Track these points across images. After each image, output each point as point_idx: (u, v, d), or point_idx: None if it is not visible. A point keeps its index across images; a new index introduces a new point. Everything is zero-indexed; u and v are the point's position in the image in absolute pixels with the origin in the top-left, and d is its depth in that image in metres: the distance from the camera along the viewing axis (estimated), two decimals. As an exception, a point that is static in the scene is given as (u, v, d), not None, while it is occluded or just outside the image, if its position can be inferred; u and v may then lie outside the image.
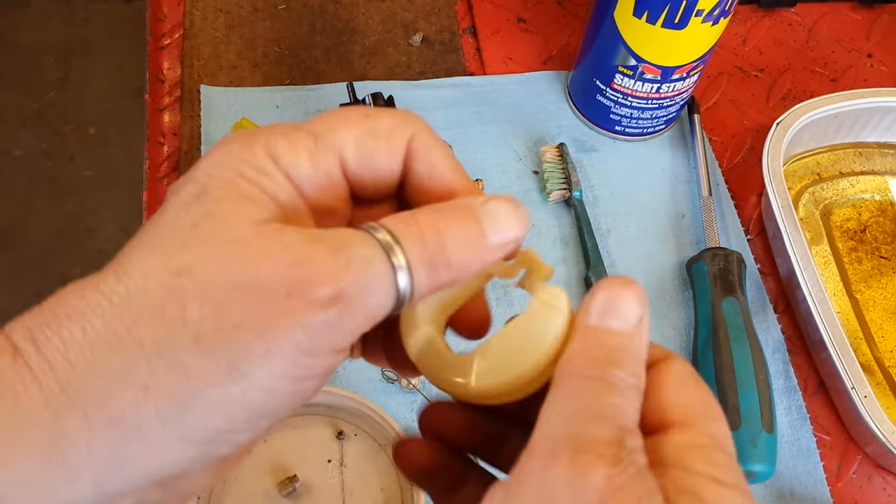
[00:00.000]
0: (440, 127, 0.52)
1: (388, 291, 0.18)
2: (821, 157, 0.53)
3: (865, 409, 0.40)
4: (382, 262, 0.18)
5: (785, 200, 0.45)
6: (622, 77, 0.49)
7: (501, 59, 0.57)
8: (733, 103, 0.56)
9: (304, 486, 0.39)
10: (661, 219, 0.51)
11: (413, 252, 0.18)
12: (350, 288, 0.17)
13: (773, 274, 0.49)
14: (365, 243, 0.18)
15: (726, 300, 0.44)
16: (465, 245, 0.19)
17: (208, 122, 0.51)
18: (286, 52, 0.56)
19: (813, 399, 0.45)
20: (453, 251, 0.18)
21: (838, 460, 0.43)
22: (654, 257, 0.49)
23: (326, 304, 0.17)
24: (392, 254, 0.18)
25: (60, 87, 1.30)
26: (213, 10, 0.57)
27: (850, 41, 0.60)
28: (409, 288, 0.18)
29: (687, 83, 0.49)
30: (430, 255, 0.18)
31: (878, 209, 0.52)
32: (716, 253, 0.46)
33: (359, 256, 0.17)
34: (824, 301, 0.42)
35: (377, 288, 0.17)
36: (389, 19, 0.58)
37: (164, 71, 0.55)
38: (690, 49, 0.46)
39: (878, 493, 0.43)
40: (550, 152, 0.51)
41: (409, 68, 0.56)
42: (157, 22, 0.57)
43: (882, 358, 0.46)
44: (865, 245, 0.50)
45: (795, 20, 0.61)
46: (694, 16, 0.43)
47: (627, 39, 0.46)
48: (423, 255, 0.18)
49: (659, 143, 0.54)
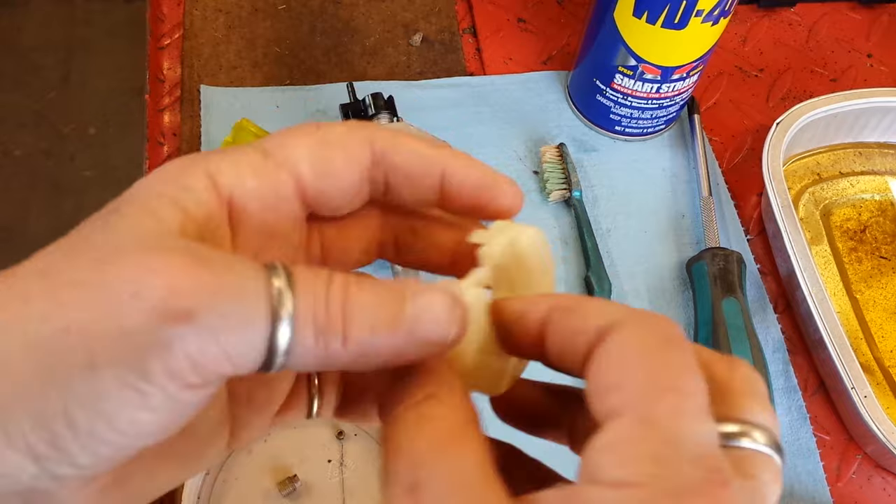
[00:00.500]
0: (440, 127, 0.52)
1: (256, 339, 0.15)
2: (821, 157, 0.53)
3: (865, 409, 0.40)
4: (260, 300, 0.15)
5: (785, 200, 0.45)
6: (622, 77, 0.49)
7: (501, 59, 0.57)
8: (733, 103, 0.56)
9: (304, 486, 0.39)
10: (661, 219, 0.51)
11: (305, 306, 0.15)
12: (207, 313, 0.14)
13: (773, 274, 0.49)
14: (252, 276, 0.15)
15: (726, 300, 0.44)
16: (374, 325, 0.16)
17: (208, 123, 0.51)
18: (286, 53, 0.56)
19: (813, 399, 0.45)
20: (356, 326, 0.16)
21: (838, 460, 0.43)
22: (654, 257, 0.49)
23: (170, 317, 0.14)
24: (279, 300, 0.15)
25: (60, 87, 1.30)
26: (213, 10, 0.57)
27: (849, 41, 0.60)
28: (288, 348, 0.15)
29: (687, 83, 0.49)
30: (324, 319, 0.15)
31: (878, 209, 0.52)
32: (716, 253, 0.46)
33: (234, 285, 0.15)
34: (824, 301, 0.42)
35: (243, 328, 0.15)
36: (389, 19, 0.58)
37: (164, 71, 0.55)
38: (690, 49, 0.46)
39: (878, 493, 0.43)
40: (550, 152, 0.51)
41: (408, 68, 0.56)
42: (157, 22, 0.57)
43: (882, 358, 0.46)
44: (865, 245, 0.50)
45: (795, 20, 0.61)
46: (694, 16, 0.43)
47: (627, 39, 0.46)
48: (317, 316, 0.15)
49: (659, 143, 0.54)
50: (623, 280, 0.48)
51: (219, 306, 0.15)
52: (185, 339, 0.14)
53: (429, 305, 0.16)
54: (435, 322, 0.16)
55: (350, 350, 0.16)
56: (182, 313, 0.15)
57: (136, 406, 0.15)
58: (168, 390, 0.15)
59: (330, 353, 0.16)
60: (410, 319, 0.16)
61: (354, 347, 0.16)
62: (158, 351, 0.14)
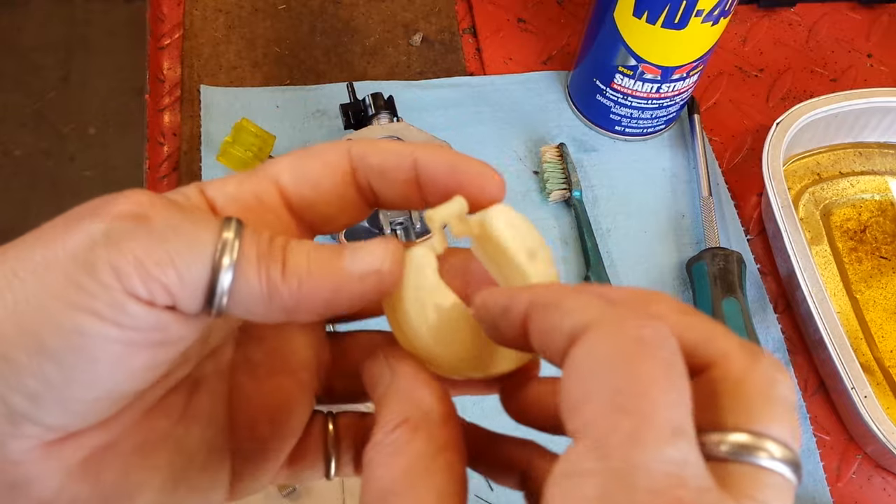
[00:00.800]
0: (440, 127, 0.52)
1: (203, 252, 0.16)
2: (821, 157, 0.53)
3: (865, 409, 0.39)
4: (211, 224, 0.16)
5: (785, 200, 0.45)
6: (622, 77, 0.49)
7: (501, 59, 0.57)
8: (733, 103, 0.56)
9: (304, 486, 0.39)
10: (661, 219, 0.51)
11: (251, 236, 0.16)
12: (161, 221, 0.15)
13: (773, 274, 0.49)
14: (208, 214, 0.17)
15: (726, 300, 0.44)
16: (314, 259, 0.17)
17: (208, 123, 0.51)
18: (286, 53, 0.56)
19: (813, 399, 0.45)
20: (295, 257, 0.17)
21: (838, 460, 0.43)
22: (654, 257, 0.49)
23: (124, 217, 0.15)
24: (226, 227, 0.16)
25: (60, 88, 1.30)
26: (213, 10, 0.57)
27: (849, 41, 0.60)
28: (232, 267, 0.16)
29: (687, 83, 0.49)
30: (266, 249, 0.16)
31: (878, 209, 0.52)
32: (716, 253, 0.46)
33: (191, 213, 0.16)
34: (824, 301, 0.42)
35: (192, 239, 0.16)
36: (389, 19, 0.58)
37: (164, 71, 0.55)
38: (690, 49, 0.46)
39: (878, 493, 0.43)
40: (550, 152, 0.51)
41: (409, 68, 0.56)
42: (157, 22, 0.57)
43: (882, 358, 0.46)
44: (865, 245, 0.50)
45: (795, 20, 0.61)
46: (694, 16, 0.43)
47: (627, 39, 0.46)
48: (260, 245, 0.16)
49: (659, 143, 0.54)
50: (623, 280, 0.48)
51: (173, 220, 0.16)
52: (135, 237, 0.15)
53: (365, 245, 0.18)
54: (370, 254, 0.17)
55: (290, 283, 0.16)
56: (137, 216, 0.16)
57: (81, 308, 0.15)
58: (113, 293, 0.15)
59: (271, 284, 0.16)
60: (348, 255, 0.17)
61: (294, 280, 0.16)
62: (107, 247, 0.15)
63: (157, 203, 0.16)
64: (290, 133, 0.52)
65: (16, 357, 0.15)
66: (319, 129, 0.52)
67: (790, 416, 0.15)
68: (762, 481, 0.14)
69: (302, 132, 0.52)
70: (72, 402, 0.15)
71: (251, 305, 0.16)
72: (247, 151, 0.47)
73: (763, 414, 0.14)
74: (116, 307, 0.15)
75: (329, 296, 0.17)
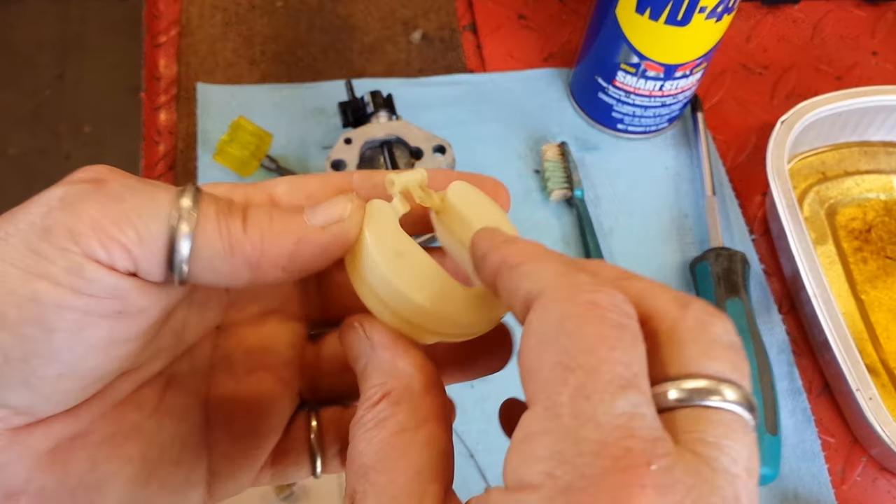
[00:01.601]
0: (439, 125, 0.51)
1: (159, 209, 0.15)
2: (826, 156, 0.53)
3: (870, 411, 0.39)
4: (166, 185, 0.16)
5: (789, 200, 0.45)
6: (624, 74, 0.48)
7: (502, 56, 0.56)
8: (737, 101, 0.56)
9: (302, 489, 0.39)
10: (664, 218, 0.50)
11: (210, 199, 0.16)
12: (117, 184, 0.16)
13: (778, 274, 0.49)
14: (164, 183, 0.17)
15: (730, 301, 0.43)
16: (275, 214, 0.17)
17: (205, 121, 0.51)
18: (284, 50, 0.55)
19: (818, 401, 0.45)
20: (257, 214, 0.17)
21: (843, 463, 0.43)
22: (658, 257, 0.48)
23: (80, 181, 0.15)
24: (184, 191, 0.16)
25: (56, 86, 1.29)
26: (209, 7, 0.57)
27: (854, 38, 0.60)
28: (191, 235, 0.16)
29: (690, 81, 0.48)
30: (226, 207, 0.16)
31: (883, 209, 0.51)
32: (719, 253, 0.45)
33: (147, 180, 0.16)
34: (829, 302, 0.41)
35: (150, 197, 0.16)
36: (388, 16, 0.58)
37: (160, 69, 0.54)
38: (694, 46, 0.45)
39: (883, 495, 0.42)
40: (552, 151, 0.51)
41: (408, 66, 0.55)
42: (153, 19, 0.56)
43: (887, 359, 0.45)
44: (871, 245, 0.49)
45: (799, 17, 0.60)
46: (697, 12, 0.43)
47: (630, 36, 0.46)
48: (219, 204, 0.16)
49: (662, 141, 0.53)
50: (625, 280, 0.47)
51: (129, 181, 0.16)
52: (91, 198, 0.15)
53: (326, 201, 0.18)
54: (332, 205, 0.17)
55: (251, 235, 0.16)
56: (94, 180, 0.15)
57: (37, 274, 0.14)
58: (71, 256, 0.14)
59: (233, 238, 0.16)
60: (308, 209, 0.17)
61: (255, 231, 0.16)
62: (62, 210, 0.15)
63: (115, 170, 0.16)
64: (288, 131, 0.51)
65: None
66: (317, 127, 0.51)
67: (728, 353, 0.15)
68: (710, 420, 0.14)
69: (300, 130, 0.51)
70: (34, 378, 0.15)
71: (214, 263, 0.16)
72: (244, 150, 0.47)
73: (698, 356, 0.14)
74: (73, 271, 0.15)
75: (292, 247, 0.17)
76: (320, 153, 0.50)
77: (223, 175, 0.48)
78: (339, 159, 0.42)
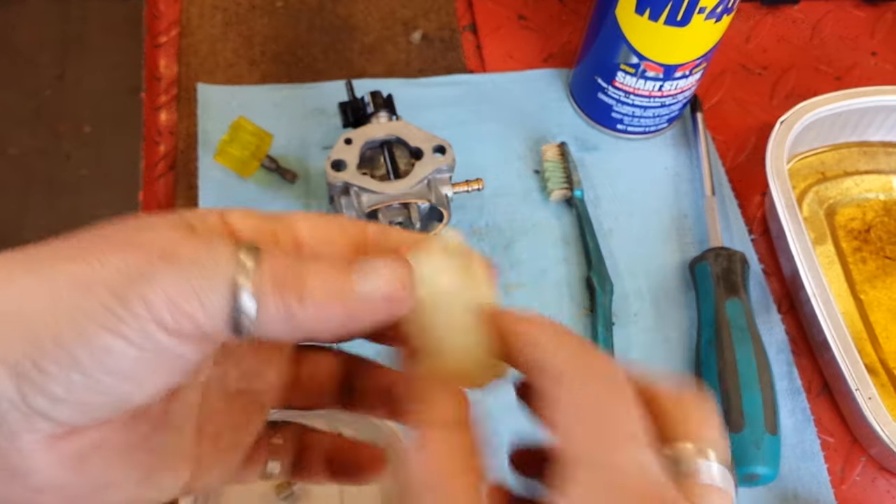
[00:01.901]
0: (439, 125, 0.51)
1: (222, 284, 0.17)
2: (825, 156, 0.53)
3: (870, 410, 0.39)
4: (228, 253, 0.18)
5: (789, 200, 0.45)
6: (624, 75, 0.48)
7: (502, 56, 0.56)
8: (737, 101, 0.56)
9: (302, 489, 0.39)
10: (664, 218, 0.50)
11: (266, 265, 0.18)
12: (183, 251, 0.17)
13: (777, 274, 0.49)
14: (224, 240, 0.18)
15: (730, 301, 0.43)
16: (326, 282, 0.18)
17: (205, 121, 0.51)
18: (284, 50, 0.55)
19: (817, 401, 0.45)
20: (311, 283, 0.18)
21: (842, 462, 0.43)
22: (657, 257, 0.49)
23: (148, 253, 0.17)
24: (244, 254, 0.18)
25: (56, 86, 1.30)
26: (210, 7, 0.57)
27: (854, 39, 0.60)
28: (254, 308, 0.17)
29: (690, 81, 0.49)
30: (282, 277, 0.18)
31: (882, 209, 0.51)
32: (719, 253, 0.45)
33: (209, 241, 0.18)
34: (828, 302, 0.41)
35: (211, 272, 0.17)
36: (388, 16, 0.58)
37: (160, 69, 0.54)
38: (693, 46, 0.45)
39: (882, 495, 0.42)
40: (551, 151, 0.51)
41: (408, 66, 0.55)
42: (153, 19, 0.56)
43: (887, 359, 0.45)
44: (870, 245, 0.50)
45: (799, 17, 0.60)
46: (697, 13, 0.43)
47: (629, 37, 0.46)
48: (276, 274, 0.18)
49: (661, 141, 0.53)
50: (625, 280, 0.47)
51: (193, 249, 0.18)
52: (165, 275, 0.17)
53: (374, 266, 0.19)
54: (379, 278, 0.18)
55: (308, 308, 0.18)
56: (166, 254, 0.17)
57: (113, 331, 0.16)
58: (143, 322, 0.17)
59: (289, 309, 0.18)
60: (359, 273, 0.18)
61: (311, 304, 0.18)
62: (139, 283, 0.17)
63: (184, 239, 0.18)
64: (288, 131, 0.51)
65: (48, 367, 0.16)
66: (318, 127, 0.51)
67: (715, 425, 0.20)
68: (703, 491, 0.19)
69: (300, 130, 0.51)
70: (87, 406, 0.17)
71: (273, 330, 0.18)
72: (244, 150, 0.47)
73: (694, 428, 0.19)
74: (144, 334, 0.17)
75: (343, 320, 0.18)
76: (320, 153, 0.50)
77: (224, 175, 0.48)
78: (339, 159, 0.42)
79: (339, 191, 0.42)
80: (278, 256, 0.18)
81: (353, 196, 0.42)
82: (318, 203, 0.49)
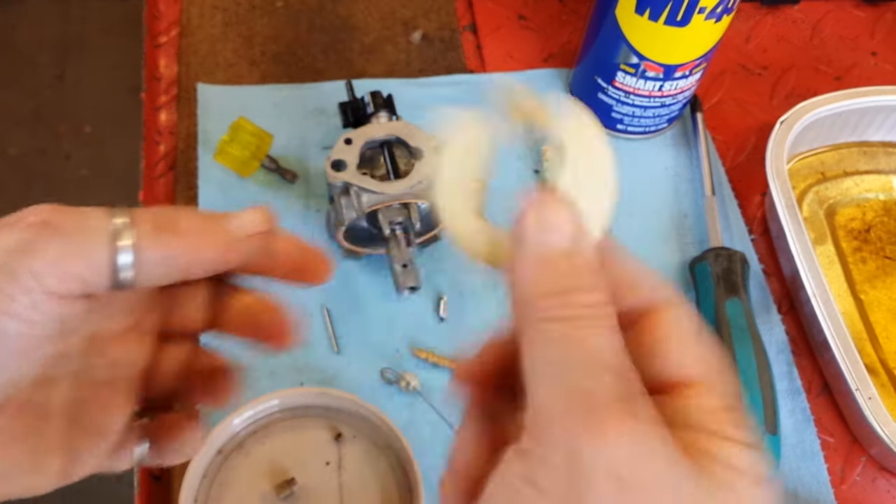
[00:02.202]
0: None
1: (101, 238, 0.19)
2: (825, 156, 0.53)
3: (870, 410, 0.39)
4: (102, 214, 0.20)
5: (789, 200, 0.45)
6: (624, 75, 0.48)
7: (502, 56, 0.56)
8: (737, 101, 0.56)
9: (302, 489, 0.39)
10: (664, 218, 0.50)
11: (141, 216, 0.20)
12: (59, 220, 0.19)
13: (777, 274, 0.49)
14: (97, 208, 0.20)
15: (730, 301, 0.43)
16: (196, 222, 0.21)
17: (205, 121, 0.51)
18: (284, 50, 0.55)
19: (817, 401, 0.45)
20: (184, 224, 0.20)
21: (842, 462, 0.43)
22: (657, 257, 0.49)
23: (28, 226, 0.19)
24: (117, 214, 0.20)
25: (56, 86, 1.30)
26: (210, 7, 0.57)
27: (854, 39, 0.60)
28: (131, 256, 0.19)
29: (690, 81, 0.49)
30: (158, 221, 0.20)
31: (882, 209, 0.51)
32: (719, 253, 0.45)
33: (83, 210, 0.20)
34: (828, 302, 0.41)
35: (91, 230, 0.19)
36: (389, 16, 0.58)
37: (160, 69, 0.54)
38: (693, 47, 0.45)
39: (883, 495, 0.42)
40: (551, 151, 0.51)
41: (408, 66, 0.55)
42: (153, 19, 0.56)
43: (887, 359, 0.45)
44: (870, 245, 0.50)
45: (799, 17, 0.60)
46: (697, 13, 0.43)
47: (629, 37, 0.46)
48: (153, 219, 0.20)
49: (661, 141, 0.53)
50: (625, 280, 0.47)
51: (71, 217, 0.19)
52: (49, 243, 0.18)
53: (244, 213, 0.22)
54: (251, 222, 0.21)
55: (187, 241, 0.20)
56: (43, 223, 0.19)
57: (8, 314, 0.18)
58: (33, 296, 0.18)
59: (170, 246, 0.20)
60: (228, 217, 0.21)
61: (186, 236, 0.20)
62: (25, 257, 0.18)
63: (57, 209, 0.20)
64: (289, 131, 0.51)
65: None
66: (318, 127, 0.51)
67: None
68: None
69: (300, 130, 0.51)
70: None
71: (152, 272, 0.20)
72: (244, 150, 0.47)
73: None
74: (34, 306, 0.18)
75: (214, 255, 0.21)
76: (320, 153, 0.50)
77: (224, 175, 0.48)
78: (339, 159, 0.42)
79: (339, 191, 0.42)
80: (152, 209, 0.20)
81: (353, 196, 0.42)
82: (318, 203, 0.49)
